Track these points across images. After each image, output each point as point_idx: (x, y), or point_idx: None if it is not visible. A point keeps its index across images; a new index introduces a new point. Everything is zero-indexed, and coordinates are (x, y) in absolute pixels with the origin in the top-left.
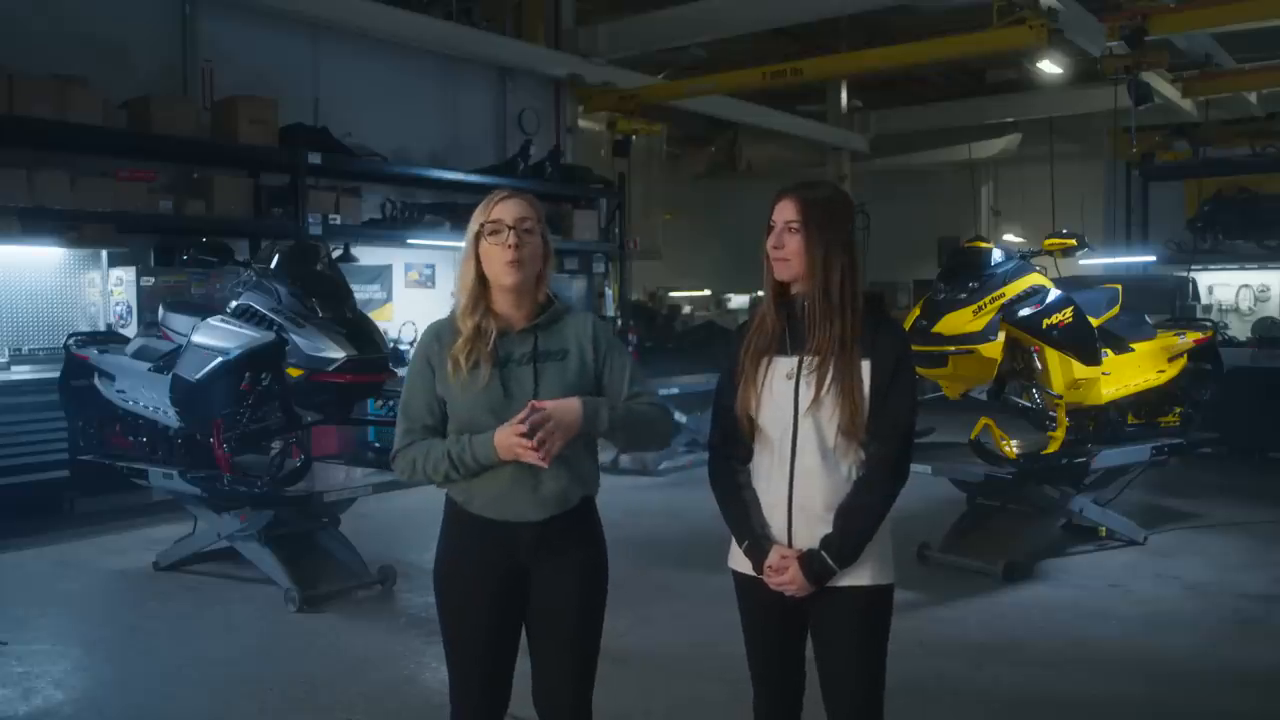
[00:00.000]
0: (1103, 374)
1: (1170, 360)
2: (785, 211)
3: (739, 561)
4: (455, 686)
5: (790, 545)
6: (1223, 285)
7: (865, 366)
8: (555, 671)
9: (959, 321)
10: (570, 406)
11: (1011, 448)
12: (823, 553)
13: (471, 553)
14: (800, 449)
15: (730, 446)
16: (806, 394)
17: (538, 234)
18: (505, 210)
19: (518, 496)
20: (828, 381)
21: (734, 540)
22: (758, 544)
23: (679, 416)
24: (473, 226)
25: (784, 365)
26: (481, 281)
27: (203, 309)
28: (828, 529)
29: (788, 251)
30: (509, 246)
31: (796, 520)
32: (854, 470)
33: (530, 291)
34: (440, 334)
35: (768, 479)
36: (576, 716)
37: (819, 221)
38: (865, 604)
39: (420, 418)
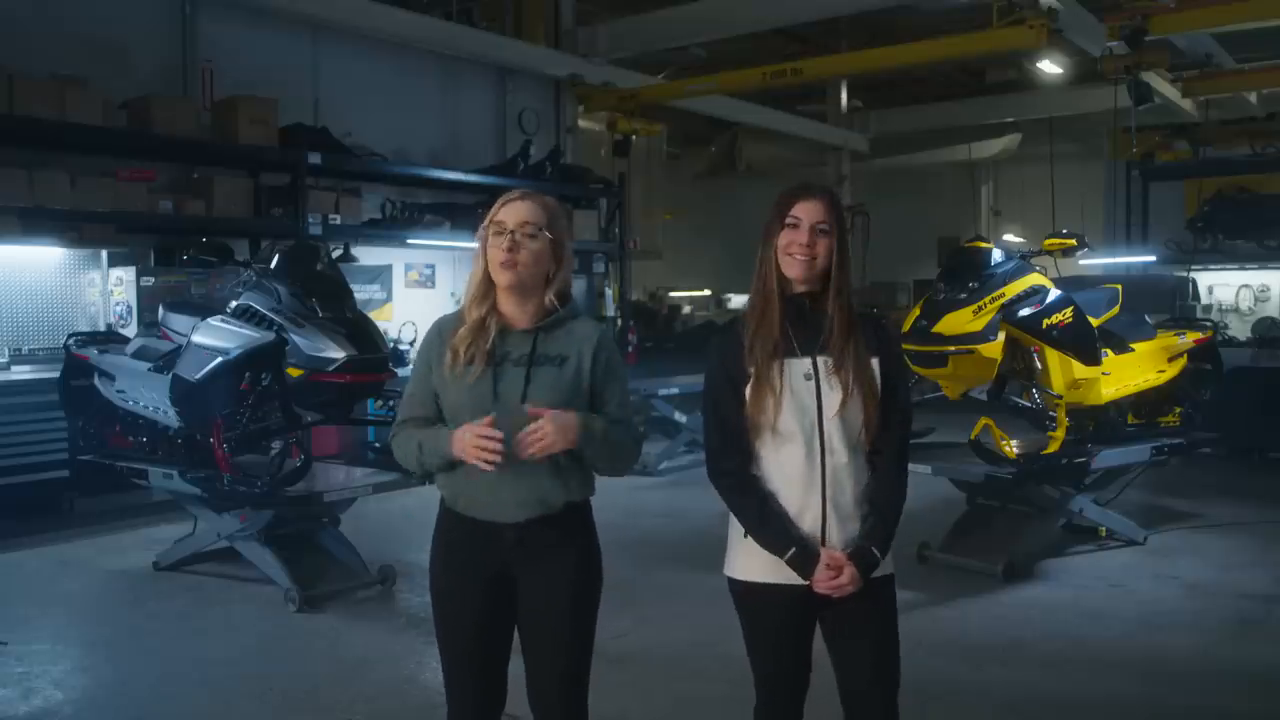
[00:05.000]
0: (1103, 374)
1: (1170, 360)
2: (816, 212)
3: (739, 570)
4: (449, 686)
5: (824, 545)
6: (1223, 285)
7: (874, 363)
8: (546, 673)
9: (959, 321)
10: (569, 418)
11: (1011, 448)
12: (872, 547)
13: (459, 551)
14: (829, 448)
15: (738, 452)
16: (831, 394)
17: (540, 238)
18: (510, 213)
19: (497, 496)
20: (851, 380)
21: (732, 549)
22: (805, 550)
23: (679, 416)
24: (485, 222)
25: (799, 367)
26: (489, 277)
27: (203, 309)
28: (855, 525)
29: (818, 250)
30: (503, 250)
31: (830, 519)
32: (867, 464)
33: (536, 294)
34: (444, 328)
35: (791, 482)
36: (569, 718)
37: (842, 224)
38: (879, 593)
39: (413, 409)
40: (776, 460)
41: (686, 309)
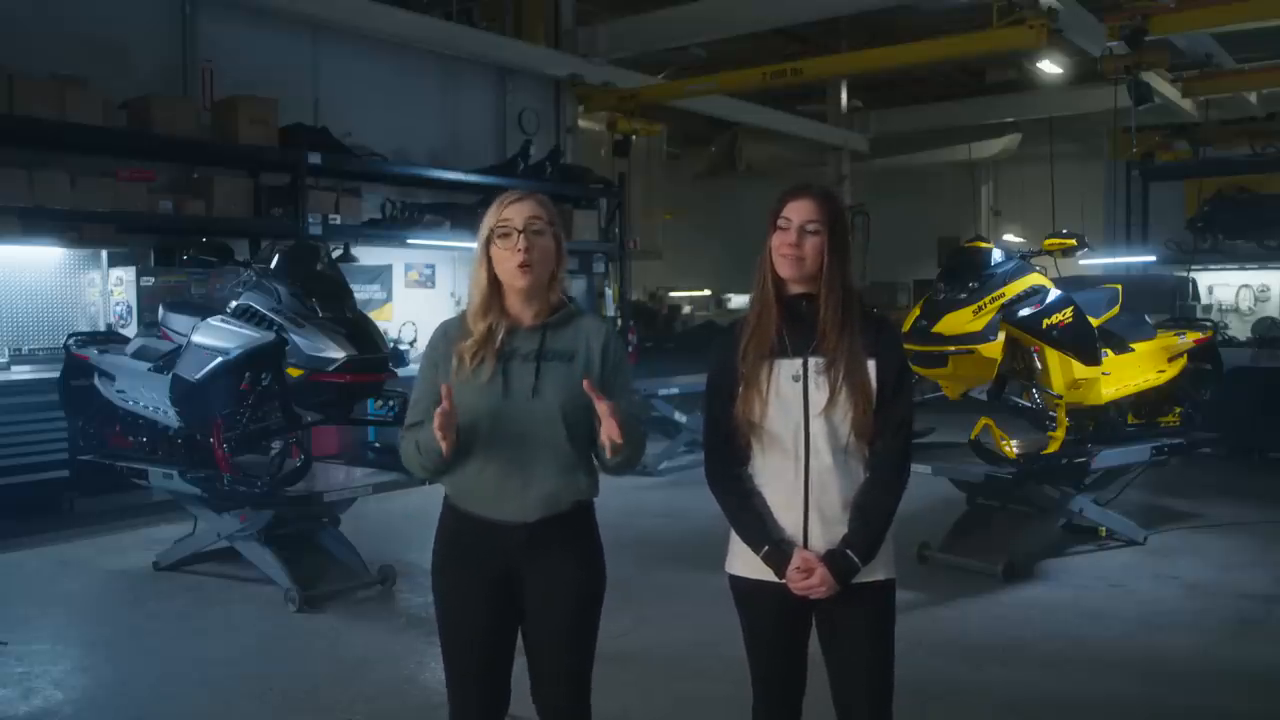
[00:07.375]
0: (1103, 374)
1: (1170, 360)
2: (804, 212)
3: (739, 566)
4: (452, 686)
5: (805, 546)
6: (1223, 285)
7: (871, 366)
8: (551, 673)
9: (959, 321)
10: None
11: (1011, 448)
12: (848, 551)
13: (464, 551)
14: (814, 450)
15: (729, 451)
16: (818, 395)
17: (548, 235)
18: (515, 212)
19: (506, 496)
20: (840, 382)
21: (733, 546)
22: (778, 549)
23: (679, 416)
24: (484, 228)
25: (788, 367)
26: (494, 284)
27: (203, 309)
28: (842, 528)
29: (806, 250)
30: (518, 250)
31: (812, 521)
32: (862, 469)
33: (542, 291)
34: (449, 332)
35: (777, 482)
36: (574, 718)
37: (836, 224)
38: (876, 598)
39: (425, 413)
40: (765, 460)
41: (686, 309)
